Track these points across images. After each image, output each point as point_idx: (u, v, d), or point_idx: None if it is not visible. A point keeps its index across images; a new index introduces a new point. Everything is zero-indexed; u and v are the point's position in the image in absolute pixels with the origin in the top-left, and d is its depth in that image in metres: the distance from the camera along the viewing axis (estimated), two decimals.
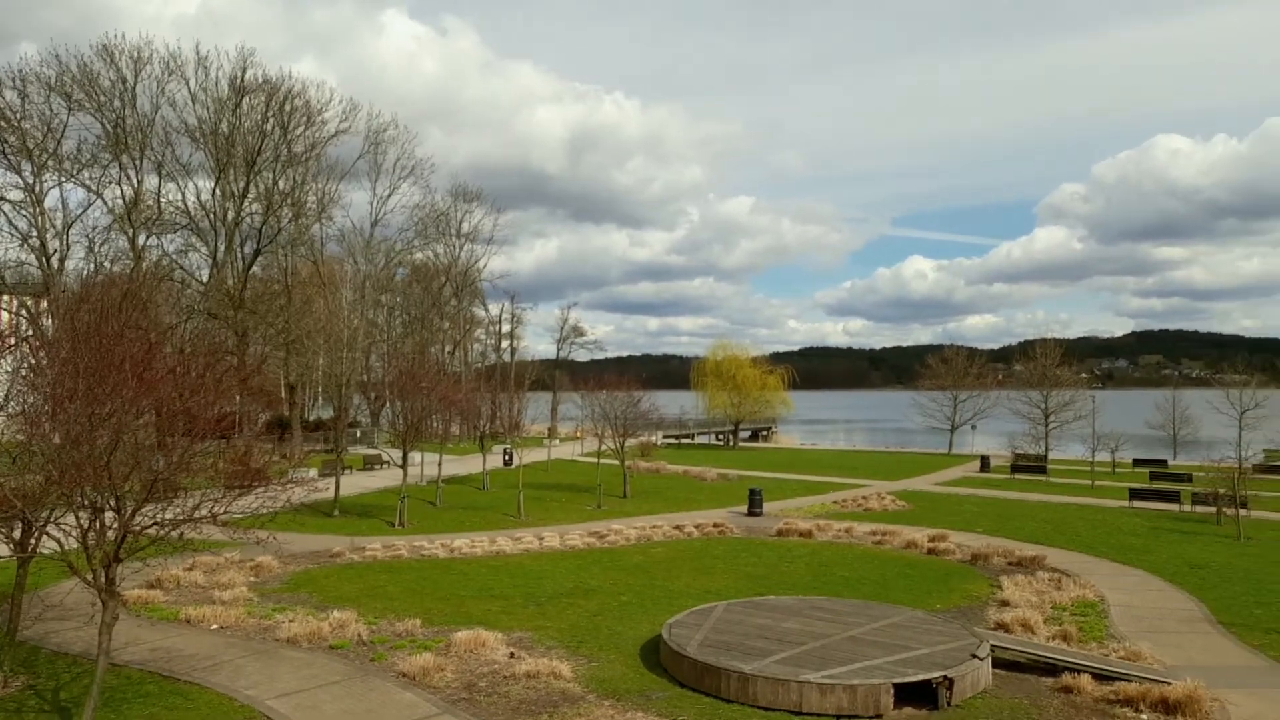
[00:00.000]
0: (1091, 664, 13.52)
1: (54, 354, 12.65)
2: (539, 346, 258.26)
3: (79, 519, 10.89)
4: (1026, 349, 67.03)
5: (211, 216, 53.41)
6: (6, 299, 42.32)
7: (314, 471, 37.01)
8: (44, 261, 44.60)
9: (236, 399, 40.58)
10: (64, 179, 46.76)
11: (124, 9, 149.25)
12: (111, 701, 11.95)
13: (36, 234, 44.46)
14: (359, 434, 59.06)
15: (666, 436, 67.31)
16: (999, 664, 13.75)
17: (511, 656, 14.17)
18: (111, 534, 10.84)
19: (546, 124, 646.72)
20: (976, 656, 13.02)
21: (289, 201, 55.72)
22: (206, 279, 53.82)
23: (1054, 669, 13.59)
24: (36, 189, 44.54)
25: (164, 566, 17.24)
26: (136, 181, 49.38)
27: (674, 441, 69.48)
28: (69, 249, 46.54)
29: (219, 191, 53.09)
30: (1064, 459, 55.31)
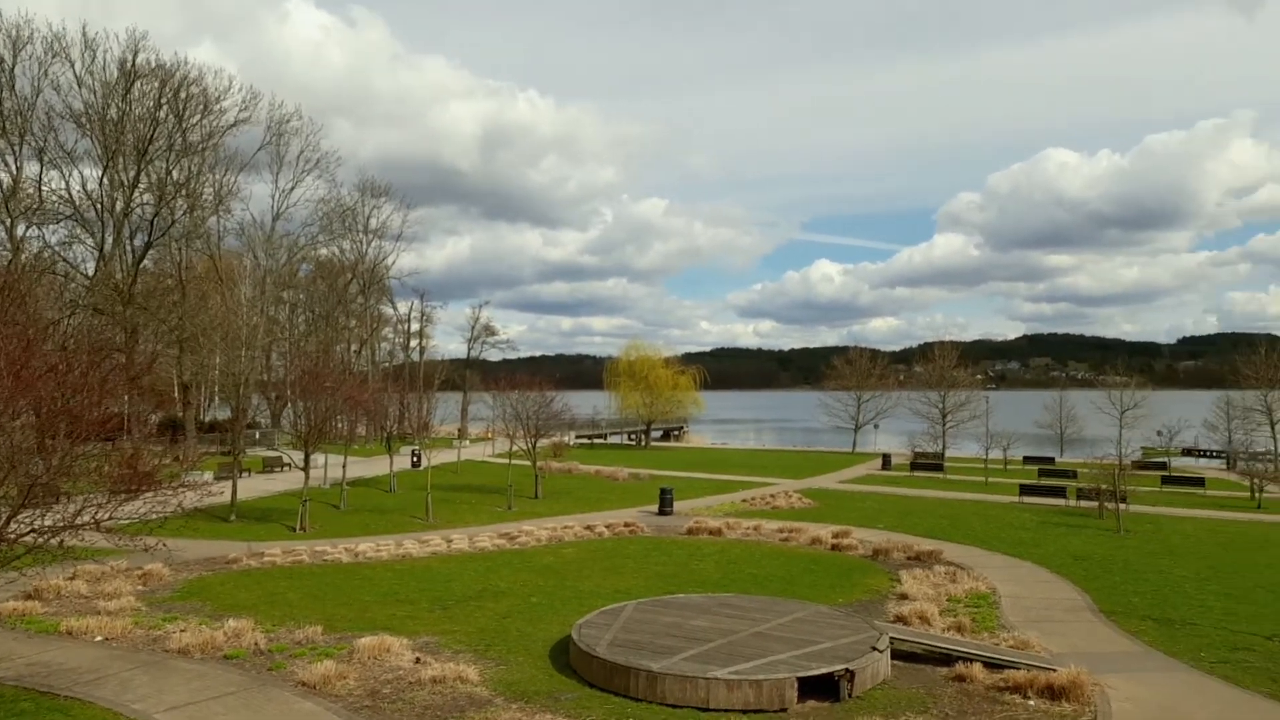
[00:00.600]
0: (983, 653, 14.11)
1: None
2: (449, 346, 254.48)
3: None
4: (926, 351, 69.80)
5: (98, 207, 50.73)
6: None
7: (209, 475, 35.48)
8: None
9: (124, 399, 38.64)
10: None
11: None
12: None
13: None
14: (258, 435, 56.92)
15: (579, 436, 67.28)
16: (898, 655, 14.21)
17: (417, 662, 13.89)
18: None
19: (459, 120, 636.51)
20: (876, 649, 13.43)
21: (183, 193, 53.43)
22: (92, 272, 51.10)
23: (948, 659, 14.12)
24: None
25: (43, 576, 16.31)
26: (15, 168, 46.62)
27: (587, 442, 69.49)
28: None
29: (107, 181, 50.46)
30: (960, 456, 57.69)
